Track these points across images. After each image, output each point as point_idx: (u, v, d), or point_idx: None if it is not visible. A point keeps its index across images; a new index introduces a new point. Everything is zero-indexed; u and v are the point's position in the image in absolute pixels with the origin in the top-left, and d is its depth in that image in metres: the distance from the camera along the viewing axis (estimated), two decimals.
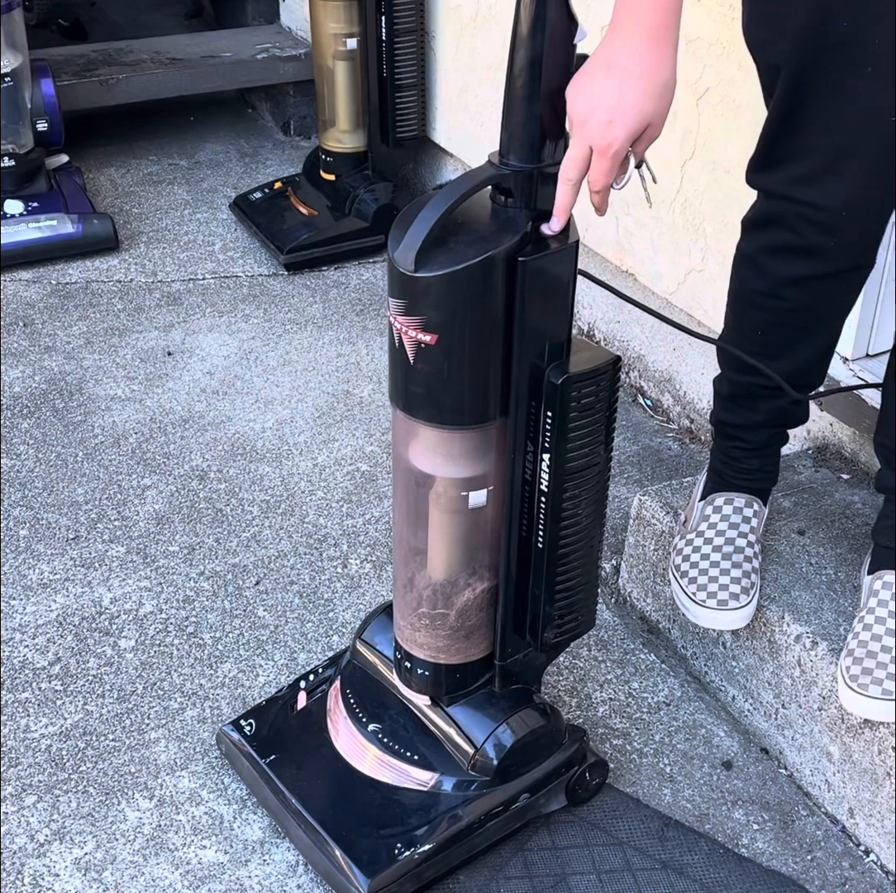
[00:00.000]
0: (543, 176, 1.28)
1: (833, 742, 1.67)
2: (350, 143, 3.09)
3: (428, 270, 1.25)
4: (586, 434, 1.39)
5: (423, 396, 1.35)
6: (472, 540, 1.47)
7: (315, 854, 1.55)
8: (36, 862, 1.60)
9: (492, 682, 1.59)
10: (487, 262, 1.26)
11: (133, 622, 1.99)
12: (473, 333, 1.30)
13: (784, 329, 1.63)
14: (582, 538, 1.47)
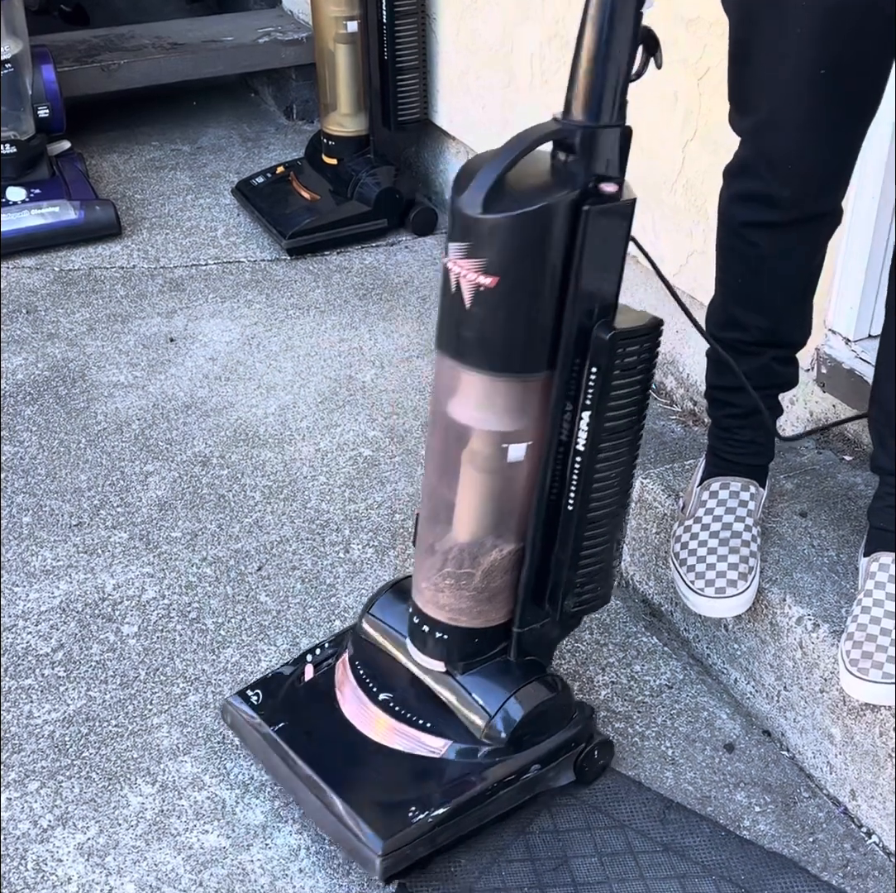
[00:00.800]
0: (605, 135, 1.33)
1: (835, 724, 1.66)
2: (352, 126, 3.08)
3: (496, 212, 1.29)
4: (626, 394, 1.43)
5: (476, 340, 1.38)
6: (505, 499, 1.49)
7: (326, 818, 1.55)
8: (39, 848, 1.61)
9: (507, 652, 1.60)
10: (554, 207, 1.31)
11: (136, 608, 1.99)
12: (533, 278, 1.34)
13: (759, 278, 1.68)
14: (611, 504, 1.50)
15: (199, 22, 3.85)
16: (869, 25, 1.44)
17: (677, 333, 2.46)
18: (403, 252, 3.07)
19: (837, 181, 1.63)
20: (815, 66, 1.48)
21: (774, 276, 1.67)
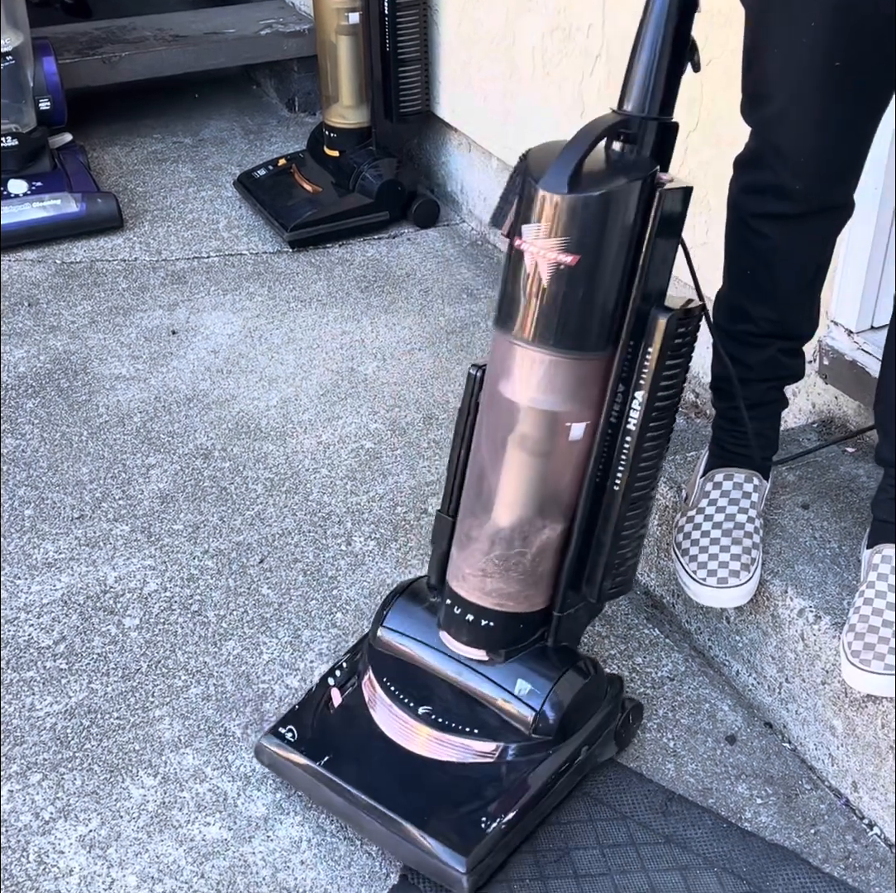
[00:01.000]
0: (662, 127, 1.42)
1: (836, 716, 1.66)
2: (353, 118, 3.08)
3: (581, 191, 1.36)
4: (675, 375, 1.49)
5: (549, 319, 1.42)
6: (560, 478, 1.52)
7: (400, 846, 1.54)
8: (41, 840, 1.61)
9: (544, 637, 1.62)
10: (633, 186, 1.37)
11: (137, 600, 1.99)
12: (611, 257, 1.40)
13: (768, 270, 1.68)
14: (651, 485, 1.56)
15: (201, 14, 3.84)
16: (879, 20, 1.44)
17: None
18: (405, 244, 3.07)
19: (849, 174, 1.63)
20: (828, 58, 1.48)
21: (784, 268, 1.67)
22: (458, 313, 2.79)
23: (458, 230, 3.17)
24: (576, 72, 2.56)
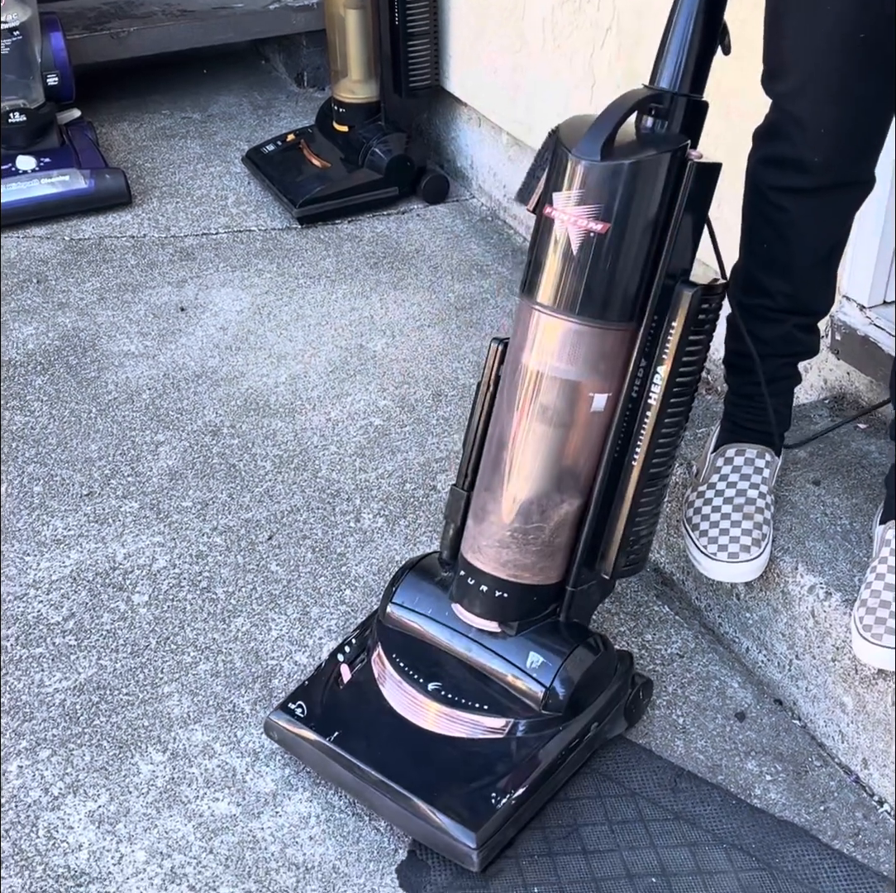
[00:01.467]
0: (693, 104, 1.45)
1: (847, 693, 1.66)
2: (363, 93, 3.06)
3: (613, 159, 1.37)
4: (698, 351, 1.50)
5: (578, 287, 1.44)
6: (578, 451, 1.53)
7: (410, 821, 1.54)
8: (50, 815, 1.61)
9: (556, 612, 1.62)
10: (665, 157, 1.39)
11: (146, 577, 1.99)
12: (641, 226, 1.41)
13: (786, 244, 1.67)
14: (668, 462, 1.56)
15: None
16: None
17: None
18: (415, 220, 3.05)
19: (870, 149, 1.61)
20: (852, 30, 1.47)
21: (801, 242, 1.66)
22: (468, 290, 2.78)
23: (468, 206, 3.15)
24: (586, 44, 2.54)
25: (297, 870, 1.55)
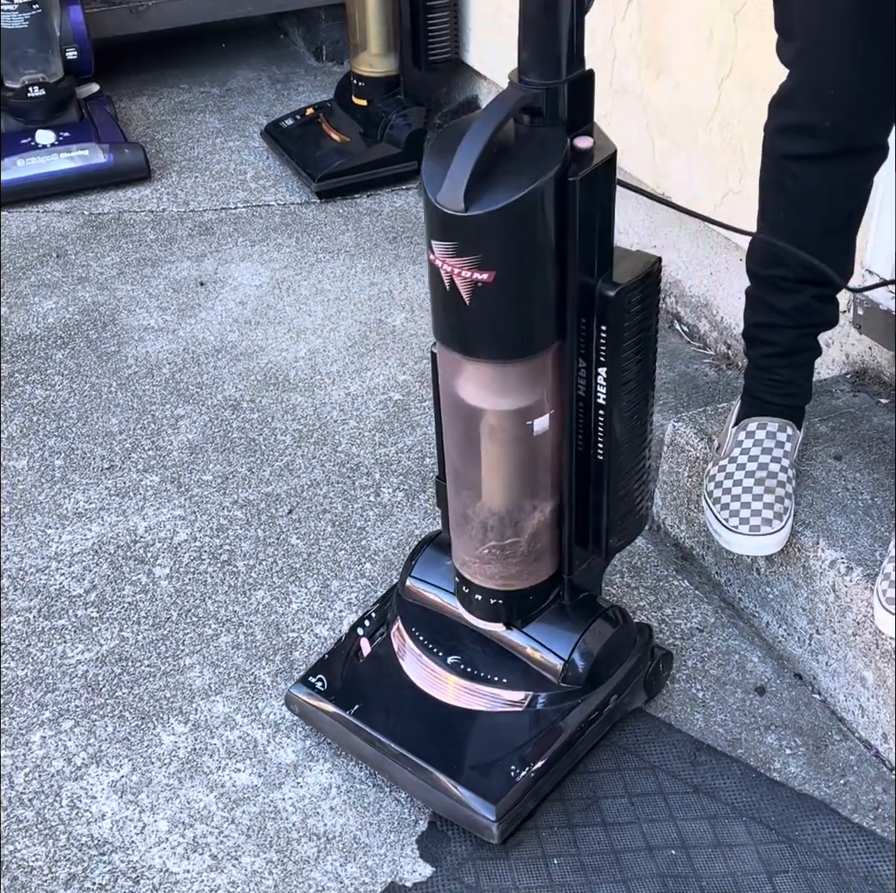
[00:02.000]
0: (571, 89, 1.25)
1: (867, 668, 1.65)
2: (382, 67, 3.04)
3: (480, 208, 1.21)
4: (638, 341, 1.40)
5: (481, 334, 1.33)
6: (538, 465, 1.48)
7: (430, 793, 1.55)
8: (73, 785, 1.63)
9: (560, 597, 1.61)
10: (540, 188, 1.22)
11: (167, 550, 2.00)
12: (531, 263, 1.28)
13: (801, 213, 1.65)
14: (637, 443, 1.50)
15: None
16: None
17: (711, 275, 2.43)
18: None
19: (883, 114, 1.59)
20: None
21: (816, 210, 1.65)
22: None
23: None
24: (607, 17, 2.52)
25: (318, 840, 1.56)
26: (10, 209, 2.93)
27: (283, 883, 1.51)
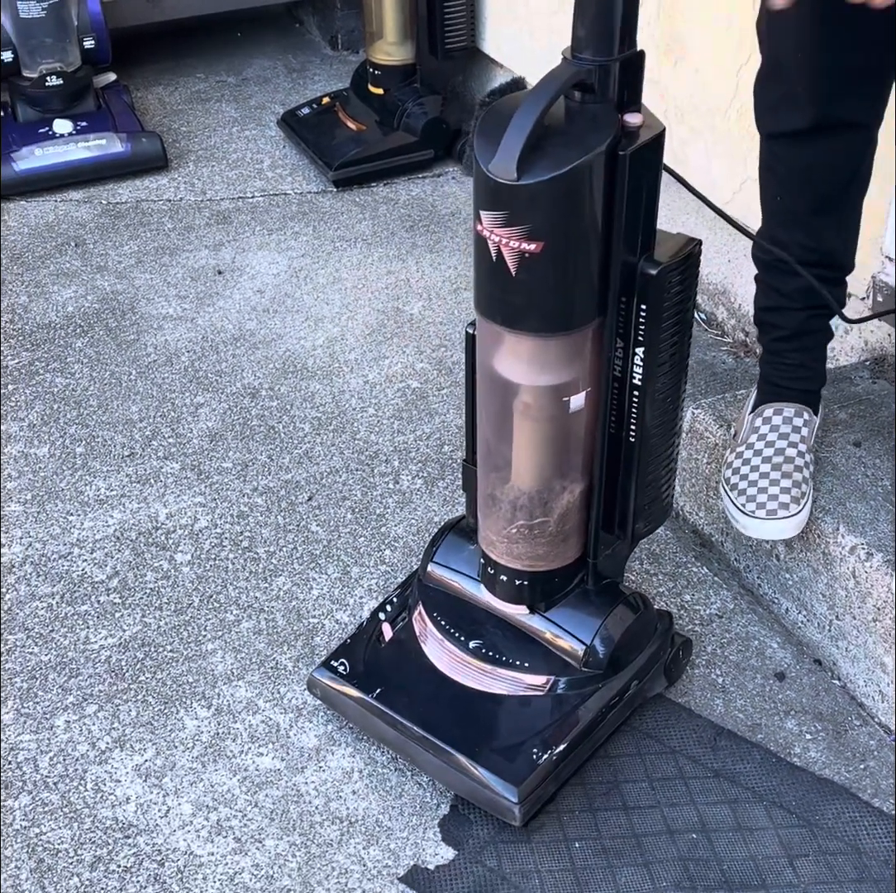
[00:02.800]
0: (623, 67, 1.27)
1: (887, 653, 1.66)
2: (398, 55, 3.05)
3: (532, 177, 1.23)
4: (676, 322, 1.41)
5: (526, 307, 1.34)
6: (571, 444, 1.49)
7: (452, 775, 1.56)
8: (98, 769, 1.64)
9: (584, 581, 1.62)
10: (591, 161, 1.25)
11: (189, 536, 2.01)
12: (579, 236, 1.30)
13: (790, 194, 1.67)
14: (670, 427, 1.51)
15: None
16: None
17: (729, 263, 2.43)
18: (451, 183, 3.04)
19: (856, 91, 1.56)
20: None
21: (803, 190, 1.66)
22: None
23: None
24: None
25: (340, 823, 1.57)
26: (28, 198, 2.94)
27: (307, 866, 1.53)
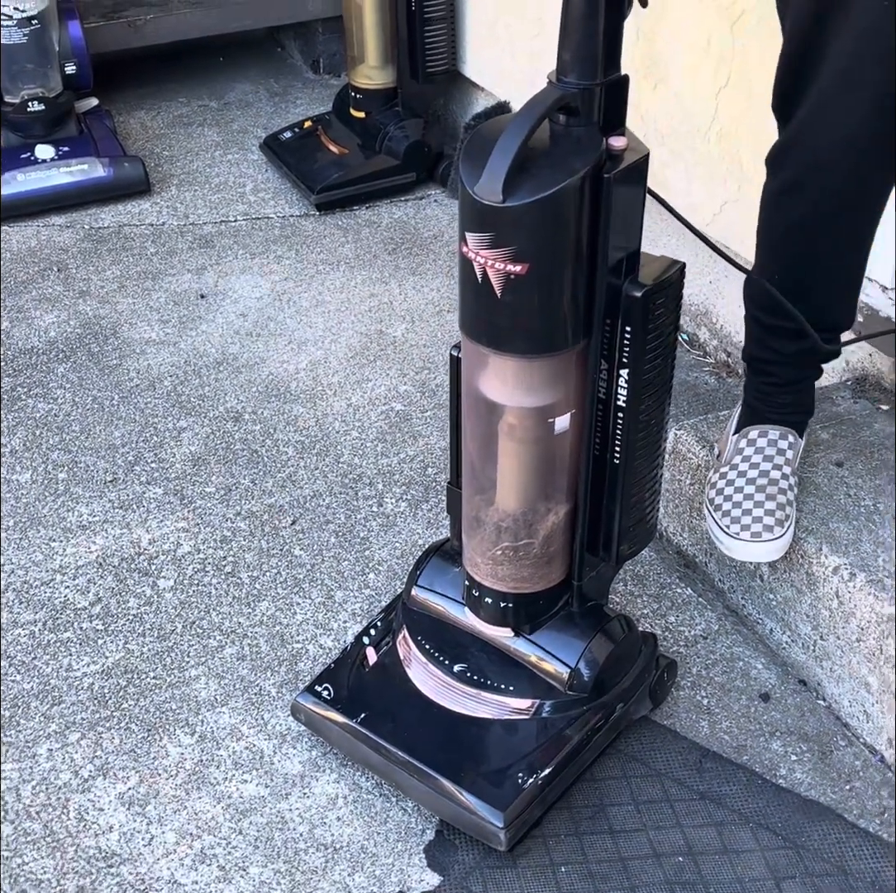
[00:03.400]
0: (607, 91, 1.29)
1: (871, 673, 1.66)
2: (379, 79, 3.05)
3: (518, 199, 1.24)
4: (660, 344, 1.41)
5: (512, 327, 1.35)
6: (556, 466, 1.49)
7: (437, 801, 1.55)
8: (81, 797, 1.63)
9: (569, 603, 1.61)
10: (577, 183, 1.26)
11: (171, 562, 2.00)
12: (564, 257, 1.31)
13: (807, 271, 1.64)
14: (654, 449, 1.51)
15: None
16: None
17: (710, 284, 2.44)
18: (433, 206, 3.05)
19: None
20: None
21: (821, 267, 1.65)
22: None
23: None
24: None
25: (325, 850, 1.56)
26: (10, 224, 2.94)
27: None
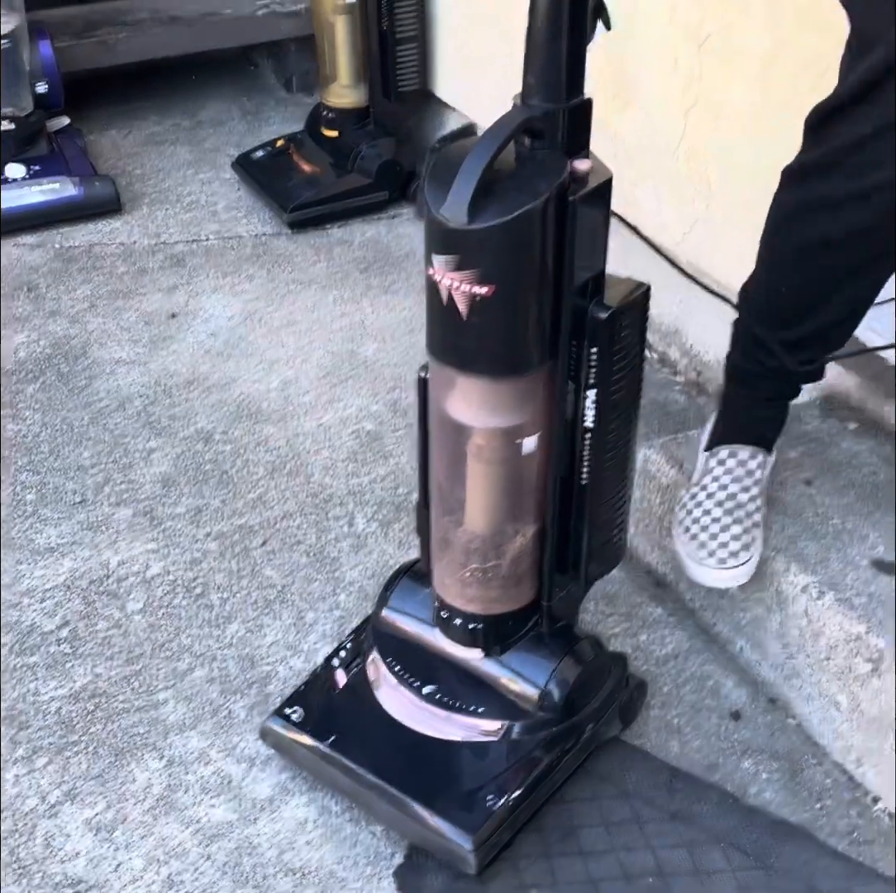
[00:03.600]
0: (572, 114, 1.29)
1: (841, 691, 1.66)
2: (351, 98, 3.06)
3: (483, 221, 1.24)
4: (627, 365, 1.41)
5: (477, 349, 1.35)
6: (524, 487, 1.48)
7: (406, 824, 1.54)
8: (48, 823, 1.61)
9: (539, 624, 1.61)
10: (542, 205, 1.26)
11: (140, 584, 1.99)
12: (529, 279, 1.31)
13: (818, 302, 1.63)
14: (622, 469, 1.50)
15: None
16: None
17: (680, 303, 2.45)
18: (405, 224, 3.06)
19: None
20: None
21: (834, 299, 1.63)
22: None
23: None
24: None
25: (294, 875, 1.55)
26: None
27: None
